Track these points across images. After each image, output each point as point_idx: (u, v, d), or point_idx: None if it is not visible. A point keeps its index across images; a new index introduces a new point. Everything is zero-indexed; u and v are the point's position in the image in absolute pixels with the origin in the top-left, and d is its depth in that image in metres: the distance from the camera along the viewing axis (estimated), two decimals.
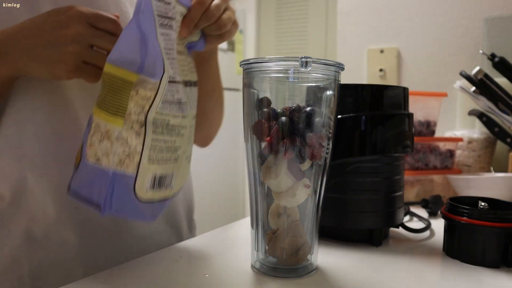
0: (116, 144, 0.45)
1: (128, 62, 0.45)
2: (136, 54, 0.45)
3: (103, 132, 0.45)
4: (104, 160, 0.45)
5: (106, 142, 0.45)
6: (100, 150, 0.46)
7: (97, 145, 0.46)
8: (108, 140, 0.45)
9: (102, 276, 0.48)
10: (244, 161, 2.14)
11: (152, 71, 0.45)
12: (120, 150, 0.45)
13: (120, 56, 0.45)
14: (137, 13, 0.45)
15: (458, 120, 1.14)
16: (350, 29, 1.32)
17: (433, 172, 0.89)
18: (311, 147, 0.47)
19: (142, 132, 0.45)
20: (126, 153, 0.45)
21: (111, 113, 0.45)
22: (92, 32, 0.47)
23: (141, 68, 0.45)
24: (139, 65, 0.45)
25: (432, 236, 0.67)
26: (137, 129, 0.45)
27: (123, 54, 0.45)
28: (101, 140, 0.45)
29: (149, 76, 0.45)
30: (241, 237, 0.65)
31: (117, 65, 0.45)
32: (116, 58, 0.45)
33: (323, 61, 0.46)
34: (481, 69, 0.89)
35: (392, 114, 0.61)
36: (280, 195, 0.48)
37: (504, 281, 0.49)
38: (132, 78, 0.45)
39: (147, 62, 0.45)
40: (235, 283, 0.47)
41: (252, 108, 0.49)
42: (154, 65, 0.45)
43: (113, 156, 0.45)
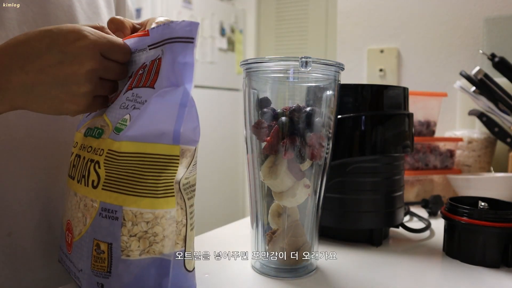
0: (168, 226, 0.39)
1: (157, 135, 0.38)
2: (167, 124, 0.38)
3: (150, 219, 0.39)
4: (154, 249, 0.39)
5: (155, 228, 0.39)
6: (145, 242, 0.39)
7: (139, 238, 0.39)
8: (158, 226, 0.39)
9: None
10: (244, 161, 2.14)
11: (192, 138, 0.39)
12: (170, 231, 0.39)
13: (145, 130, 0.38)
14: (186, 74, 0.38)
15: (458, 120, 1.14)
16: (350, 29, 1.32)
17: (433, 172, 0.89)
18: (311, 147, 0.47)
19: (182, 202, 0.40)
20: (175, 232, 0.40)
21: (160, 196, 0.39)
22: (105, 66, 0.41)
23: (176, 138, 0.38)
24: (173, 136, 0.38)
25: (432, 236, 0.67)
26: (180, 201, 0.40)
27: (150, 126, 0.38)
28: (147, 231, 0.39)
29: (188, 144, 0.39)
30: (241, 237, 0.65)
31: (146, 141, 0.38)
32: (139, 134, 0.38)
33: (323, 61, 0.46)
34: (481, 69, 0.89)
35: (392, 114, 0.61)
36: (280, 195, 0.48)
37: (504, 281, 0.49)
38: (175, 151, 0.38)
39: (183, 129, 0.38)
40: (235, 283, 0.47)
41: (252, 108, 0.49)
42: (194, 131, 0.39)
43: (166, 240, 0.39)
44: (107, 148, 0.40)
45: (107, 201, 0.39)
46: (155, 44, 0.41)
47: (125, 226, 0.38)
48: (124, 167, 0.38)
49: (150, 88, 0.40)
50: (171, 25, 0.39)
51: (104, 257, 0.39)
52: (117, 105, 0.42)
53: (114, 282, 0.39)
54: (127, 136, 0.38)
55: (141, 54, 0.43)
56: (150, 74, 0.40)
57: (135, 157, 0.38)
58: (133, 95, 0.41)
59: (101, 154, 0.40)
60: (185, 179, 0.41)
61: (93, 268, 0.39)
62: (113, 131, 0.40)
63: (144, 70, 0.41)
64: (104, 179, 0.39)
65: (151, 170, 0.38)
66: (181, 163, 0.39)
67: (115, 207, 0.39)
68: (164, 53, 0.40)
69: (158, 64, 0.40)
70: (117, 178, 0.39)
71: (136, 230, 0.39)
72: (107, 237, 0.39)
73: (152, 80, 0.40)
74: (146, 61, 0.42)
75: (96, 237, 0.40)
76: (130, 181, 0.38)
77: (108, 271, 0.39)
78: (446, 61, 1.17)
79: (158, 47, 0.40)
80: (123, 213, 0.38)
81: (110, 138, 0.40)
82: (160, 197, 0.39)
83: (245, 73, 0.49)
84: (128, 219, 0.38)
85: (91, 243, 0.40)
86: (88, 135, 0.43)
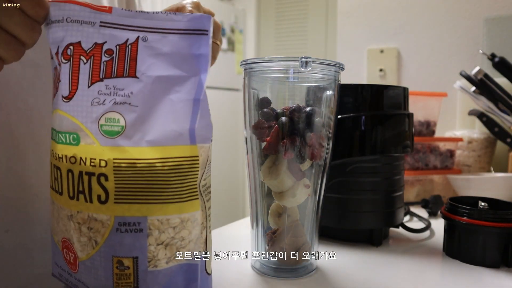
0: (192, 230, 0.38)
1: (174, 138, 0.36)
2: (182, 123, 0.37)
3: (177, 224, 0.37)
4: (182, 254, 0.38)
5: (182, 233, 0.38)
6: (172, 249, 0.37)
7: (166, 245, 0.37)
8: (185, 230, 0.38)
9: None
10: (244, 161, 2.14)
11: (206, 135, 0.38)
12: (194, 234, 0.38)
13: (164, 132, 0.36)
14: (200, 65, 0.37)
15: (458, 120, 1.14)
16: (350, 29, 1.32)
17: (433, 172, 0.89)
18: (311, 147, 0.47)
19: (203, 204, 0.39)
20: (199, 234, 0.39)
21: (186, 199, 0.37)
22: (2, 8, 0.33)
23: (192, 137, 0.37)
24: (189, 135, 0.37)
25: (432, 236, 0.67)
26: (201, 204, 0.39)
27: (166, 128, 0.36)
28: (174, 237, 0.37)
29: (202, 142, 0.38)
30: (241, 237, 0.65)
31: (165, 144, 0.36)
32: (159, 137, 0.36)
33: (323, 61, 0.46)
34: (481, 69, 0.89)
35: (392, 114, 0.61)
36: (280, 195, 0.48)
37: (504, 281, 0.49)
38: (194, 152, 0.37)
39: (197, 127, 0.37)
40: (235, 283, 0.47)
41: (252, 108, 0.49)
42: (207, 127, 0.38)
43: (191, 244, 0.38)
44: (110, 157, 0.35)
45: (126, 214, 0.36)
46: (119, 25, 0.37)
47: (151, 235, 0.36)
48: (144, 175, 0.35)
49: (131, 77, 0.36)
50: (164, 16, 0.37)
51: (130, 272, 0.36)
52: (85, 101, 0.36)
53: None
54: (147, 141, 0.35)
55: (84, 28, 0.36)
56: (123, 62, 0.36)
57: (157, 162, 0.35)
58: (107, 88, 0.36)
59: (103, 166, 0.35)
60: (204, 180, 0.39)
61: (117, 287, 0.37)
62: (102, 134, 0.36)
63: (110, 56, 0.36)
64: (115, 192, 0.36)
65: (176, 174, 0.36)
66: (204, 159, 0.38)
67: (137, 219, 0.36)
68: (146, 40, 0.37)
69: (132, 50, 0.37)
70: (136, 188, 0.36)
71: (163, 238, 0.37)
72: (132, 252, 0.36)
73: (130, 68, 0.36)
74: (103, 41, 0.36)
75: (115, 254, 0.36)
76: (152, 188, 0.36)
77: (135, 286, 0.37)
78: (446, 61, 1.17)
79: (129, 31, 0.37)
80: (148, 223, 0.36)
81: (107, 145, 0.36)
82: (186, 200, 0.37)
83: (245, 73, 0.49)
84: (154, 228, 0.36)
85: (109, 262, 0.36)
86: (60, 142, 0.38)
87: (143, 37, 0.37)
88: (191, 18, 0.37)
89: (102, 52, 0.37)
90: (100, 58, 0.36)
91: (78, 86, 0.37)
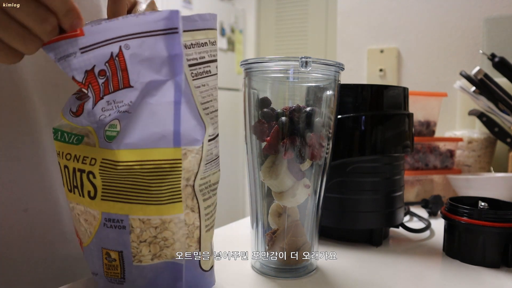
0: (177, 230, 0.38)
1: (156, 140, 0.36)
2: (165, 126, 0.36)
3: (158, 225, 0.38)
4: (165, 253, 0.39)
5: (164, 233, 0.38)
6: (156, 247, 0.38)
7: (149, 243, 0.38)
8: (167, 231, 0.38)
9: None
10: (244, 161, 2.14)
11: (194, 137, 0.37)
12: (180, 234, 0.38)
13: (143, 135, 0.36)
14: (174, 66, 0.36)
15: (458, 120, 1.14)
16: (350, 29, 1.32)
17: (433, 172, 0.89)
18: (311, 147, 0.47)
19: (195, 205, 0.39)
20: (186, 234, 0.39)
21: (164, 203, 0.37)
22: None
23: (177, 140, 0.36)
24: (174, 138, 0.36)
25: (432, 236, 0.67)
26: (191, 205, 0.39)
27: (147, 131, 0.36)
28: (156, 236, 0.38)
29: (190, 144, 0.37)
30: (241, 237, 0.65)
31: (145, 147, 0.36)
32: (136, 140, 0.36)
33: (323, 61, 0.46)
34: (481, 69, 0.89)
35: (392, 114, 0.61)
36: (280, 195, 0.48)
37: (504, 281, 0.49)
38: (177, 155, 0.36)
39: (184, 130, 0.36)
40: (235, 283, 0.47)
41: (252, 108, 0.49)
42: (195, 130, 0.37)
43: (177, 243, 0.39)
44: (100, 157, 0.37)
45: (111, 211, 0.38)
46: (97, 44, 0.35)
47: (133, 232, 0.38)
48: (125, 177, 0.36)
49: (127, 88, 0.36)
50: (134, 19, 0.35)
51: (116, 264, 0.38)
52: (94, 117, 0.38)
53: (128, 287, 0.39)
54: (125, 144, 0.36)
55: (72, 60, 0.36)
56: (117, 76, 0.36)
57: (136, 165, 0.36)
58: (108, 103, 0.37)
59: (93, 164, 0.38)
60: (201, 179, 0.39)
61: (106, 275, 0.39)
62: (105, 139, 0.37)
63: (105, 76, 0.36)
64: (102, 190, 0.38)
65: (154, 177, 0.36)
66: (184, 167, 0.37)
67: (120, 217, 0.37)
68: (129, 48, 0.35)
69: (121, 61, 0.36)
70: (119, 188, 0.37)
71: (145, 236, 0.38)
72: (117, 246, 0.38)
73: (123, 79, 0.36)
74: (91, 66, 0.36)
75: (104, 246, 0.39)
76: (133, 189, 0.37)
77: (122, 277, 0.39)
78: (446, 61, 1.17)
79: (108, 45, 0.35)
80: (130, 221, 0.37)
81: (102, 147, 0.37)
82: (165, 203, 0.37)
83: (245, 73, 0.49)
84: (136, 226, 0.37)
85: (100, 252, 0.39)
86: (62, 140, 0.40)
87: (124, 45, 0.35)
88: (163, 17, 0.35)
89: (96, 76, 0.36)
90: (97, 82, 0.36)
91: (83, 107, 0.38)
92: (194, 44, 0.38)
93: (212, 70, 0.41)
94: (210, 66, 0.40)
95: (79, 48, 0.35)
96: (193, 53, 0.38)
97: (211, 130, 0.40)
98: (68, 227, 0.54)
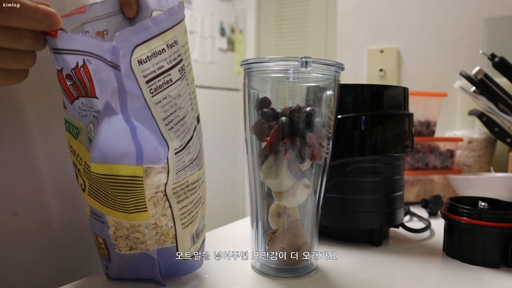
0: (148, 232, 0.41)
1: (121, 156, 0.37)
2: (127, 145, 0.37)
3: (128, 227, 0.41)
4: (141, 247, 0.42)
5: (136, 234, 0.41)
6: (131, 242, 0.42)
7: (125, 238, 0.42)
8: (138, 232, 0.41)
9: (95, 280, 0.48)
10: (244, 161, 2.14)
11: (155, 158, 0.38)
12: (153, 234, 0.42)
13: (109, 151, 0.37)
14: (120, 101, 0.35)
15: (458, 120, 1.14)
16: (350, 29, 1.32)
17: (433, 172, 0.89)
18: (311, 147, 0.47)
19: (167, 209, 0.41)
20: (160, 233, 0.42)
21: (131, 212, 0.40)
22: None
23: (139, 158, 0.37)
24: (136, 156, 0.37)
25: (432, 236, 0.67)
26: (162, 210, 0.41)
27: (112, 148, 0.37)
28: (129, 235, 0.42)
29: (152, 163, 0.38)
30: (241, 237, 0.65)
31: (111, 162, 0.37)
32: (103, 155, 0.37)
33: (323, 61, 0.46)
34: (481, 69, 0.89)
35: (392, 114, 0.61)
36: (280, 195, 0.48)
37: (504, 281, 0.49)
38: (138, 172, 0.38)
39: (145, 151, 0.37)
40: (235, 283, 0.47)
41: (252, 108, 0.49)
42: (155, 150, 0.38)
43: (149, 241, 0.42)
44: (84, 159, 0.40)
45: (94, 206, 0.42)
46: (67, 50, 0.36)
47: (110, 229, 0.42)
48: (98, 183, 0.40)
49: (94, 98, 0.37)
50: (90, 40, 0.35)
51: (103, 247, 0.44)
52: (75, 112, 0.40)
53: (114, 267, 0.45)
54: (93, 158, 0.37)
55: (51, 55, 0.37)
56: (84, 83, 0.37)
57: (103, 177, 0.38)
58: (83, 104, 0.38)
59: (80, 163, 0.41)
60: (174, 184, 0.41)
61: (99, 252, 0.45)
62: (87, 140, 0.39)
63: (71, 80, 0.38)
64: (87, 186, 0.42)
65: (119, 190, 0.38)
66: (149, 182, 0.38)
67: (100, 213, 0.42)
68: (91, 63, 0.36)
69: (85, 72, 0.36)
70: (96, 190, 0.41)
71: (120, 233, 0.42)
72: (101, 235, 0.43)
73: (90, 90, 0.37)
74: (60, 67, 0.37)
75: (94, 231, 0.44)
76: (105, 195, 0.40)
77: (108, 257, 0.44)
78: (446, 61, 1.17)
79: (75, 55, 0.36)
80: (106, 219, 0.42)
81: (87, 149, 0.39)
82: (131, 212, 0.40)
83: (245, 73, 0.49)
84: (111, 225, 0.42)
85: (93, 233, 0.45)
86: (68, 131, 0.42)
87: (87, 60, 0.36)
88: (108, 48, 0.34)
89: (64, 77, 0.38)
90: (66, 83, 0.38)
91: (65, 102, 0.40)
92: (150, 56, 0.36)
93: (174, 76, 0.38)
94: (171, 74, 0.38)
95: (52, 48, 0.37)
96: (150, 67, 0.36)
97: (177, 143, 0.40)
98: (59, 231, 0.53)
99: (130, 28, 0.34)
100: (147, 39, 0.35)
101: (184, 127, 0.41)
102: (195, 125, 0.44)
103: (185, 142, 0.41)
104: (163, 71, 0.37)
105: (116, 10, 0.45)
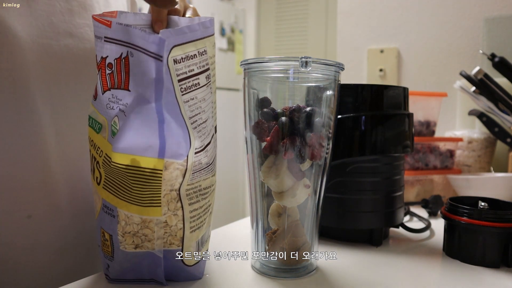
0: (157, 230, 0.42)
1: (144, 149, 0.39)
2: (152, 138, 0.39)
3: (139, 223, 0.42)
4: (147, 245, 0.43)
5: (145, 230, 0.42)
6: (138, 239, 0.42)
7: (133, 235, 0.42)
8: (147, 229, 0.42)
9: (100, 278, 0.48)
10: (244, 161, 2.14)
11: (177, 153, 0.40)
12: (161, 233, 0.42)
13: (133, 143, 0.39)
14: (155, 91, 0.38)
15: (458, 120, 1.14)
16: (350, 29, 1.32)
17: (433, 172, 0.89)
18: (311, 147, 0.47)
19: (179, 209, 0.42)
20: (168, 233, 0.43)
21: (145, 206, 0.41)
22: None
23: (162, 151, 0.39)
24: (159, 149, 0.39)
25: (432, 236, 0.67)
26: (174, 209, 0.42)
27: (137, 140, 0.39)
28: (138, 231, 0.42)
29: (173, 158, 0.40)
30: (241, 237, 0.65)
31: (134, 154, 0.39)
32: (128, 146, 0.39)
33: (323, 61, 0.46)
34: (481, 69, 0.89)
35: (392, 114, 0.61)
36: (280, 195, 0.48)
37: (504, 281, 0.49)
38: (159, 166, 0.39)
39: (168, 146, 0.39)
40: (235, 283, 0.47)
41: (252, 108, 0.49)
42: (179, 145, 0.40)
43: (157, 240, 0.42)
44: (105, 151, 0.41)
45: (107, 199, 0.43)
46: (116, 40, 0.40)
47: (120, 224, 0.42)
48: (116, 175, 0.40)
49: (126, 90, 0.40)
50: (138, 33, 0.38)
51: (108, 244, 0.44)
52: (103, 104, 0.42)
53: (116, 266, 0.44)
54: (118, 148, 0.39)
55: (98, 43, 0.41)
56: (121, 75, 0.40)
57: (124, 168, 0.39)
58: (113, 96, 0.41)
59: (100, 155, 0.42)
60: (188, 185, 0.42)
61: (102, 250, 0.45)
62: (110, 134, 0.41)
63: (111, 69, 0.41)
64: (103, 179, 0.42)
65: (137, 181, 0.40)
66: (166, 177, 0.40)
67: (112, 207, 0.42)
68: (133, 56, 0.39)
69: (126, 64, 0.40)
70: (112, 182, 0.42)
71: (129, 229, 0.42)
72: (109, 230, 0.43)
73: (125, 82, 0.40)
74: (106, 55, 0.41)
75: (102, 226, 0.44)
76: (121, 187, 0.41)
77: (112, 256, 0.44)
78: (446, 61, 1.17)
79: (122, 46, 0.39)
80: (118, 213, 0.42)
81: (109, 142, 0.41)
82: (145, 206, 0.41)
83: (245, 73, 0.49)
84: (122, 219, 0.42)
85: (99, 229, 0.45)
86: (91, 126, 0.44)
87: (130, 52, 0.39)
88: (153, 40, 0.38)
89: (105, 65, 0.41)
90: (105, 71, 0.41)
91: (97, 91, 0.43)
92: (184, 58, 0.39)
93: (201, 81, 0.41)
94: (199, 78, 0.41)
95: (104, 37, 0.40)
96: (183, 67, 0.39)
97: (198, 143, 0.42)
98: (71, 233, 0.54)
99: (171, 29, 0.38)
100: (184, 42, 0.39)
101: (205, 130, 0.43)
102: (213, 133, 0.45)
103: (205, 145, 0.43)
104: (193, 74, 0.40)
105: (146, 24, 0.46)
